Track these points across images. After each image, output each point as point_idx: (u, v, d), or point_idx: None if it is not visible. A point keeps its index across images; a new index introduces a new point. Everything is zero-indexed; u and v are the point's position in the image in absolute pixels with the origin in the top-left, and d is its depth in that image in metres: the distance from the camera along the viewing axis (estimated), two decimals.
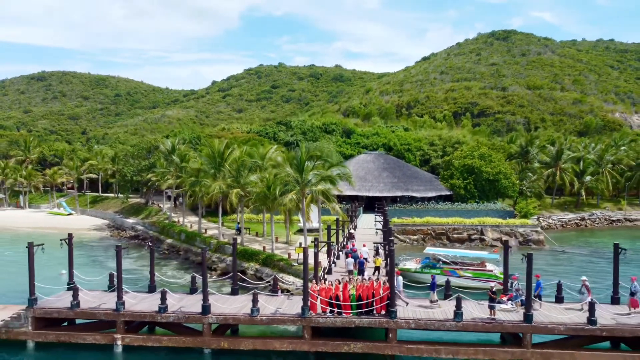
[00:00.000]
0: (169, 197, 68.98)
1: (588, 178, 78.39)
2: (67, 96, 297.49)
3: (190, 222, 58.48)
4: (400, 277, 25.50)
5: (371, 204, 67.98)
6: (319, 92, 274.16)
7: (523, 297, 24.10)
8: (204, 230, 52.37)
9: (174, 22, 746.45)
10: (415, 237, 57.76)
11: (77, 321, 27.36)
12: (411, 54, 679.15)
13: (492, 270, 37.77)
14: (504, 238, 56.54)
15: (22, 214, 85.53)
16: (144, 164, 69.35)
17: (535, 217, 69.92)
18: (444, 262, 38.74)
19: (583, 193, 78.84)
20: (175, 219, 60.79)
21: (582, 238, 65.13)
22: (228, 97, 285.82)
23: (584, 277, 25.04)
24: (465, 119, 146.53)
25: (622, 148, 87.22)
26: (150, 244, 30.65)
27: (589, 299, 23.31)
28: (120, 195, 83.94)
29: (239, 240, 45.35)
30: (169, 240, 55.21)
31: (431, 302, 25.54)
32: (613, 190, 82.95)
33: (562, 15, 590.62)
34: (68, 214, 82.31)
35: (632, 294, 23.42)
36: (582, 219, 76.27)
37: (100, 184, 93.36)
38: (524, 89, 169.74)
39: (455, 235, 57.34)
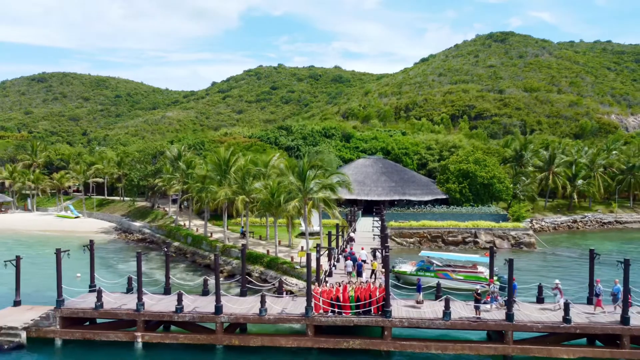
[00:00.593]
0: (174, 201, 71.38)
1: (580, 182, 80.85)
2: (67, 97, 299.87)
3: (196, 225, 60.94)
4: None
5: (370, 208, 70.41)
6: (318, 93, 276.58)
7: (498, 299, 26.75)
8: (209, 234, 54.82)
9: (173, 22, 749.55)
10: (411, 240, 60.22)
11: (98, 320, 29.81)
12: (410, 54, 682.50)
13: (482, 273, 40.16)
14: (497, 241, 59.17)
15: (30, 216, 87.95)
16: (150, 169, 71.75)
17: (529, 219, 72.49)
18: (438, 265, 41.18)
19: (575, 196, 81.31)
20: (181, 223, 63.23)
21: (572, 240, 67.56)
22: (228, 98, 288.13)
23: (557, 280, 27.58)
24: (463, 122, 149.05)
25: (614, 152, 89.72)
26: (165, 249, 33.11)
27: (562, 300, 25.84)
28: (126, 198, 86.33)
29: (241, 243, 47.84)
30: (176, 243, 57.57)
31: (417, 302, 28.10)
32: (605, 193, 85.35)
33: (561, 15, 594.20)
34: (75, 217, 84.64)
35: (597, 294, 25.98)
36: (574, 221, 78.75)
37: (105, 187, 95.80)
38: (521, 91, 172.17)
39: (450, 238, 59.82)
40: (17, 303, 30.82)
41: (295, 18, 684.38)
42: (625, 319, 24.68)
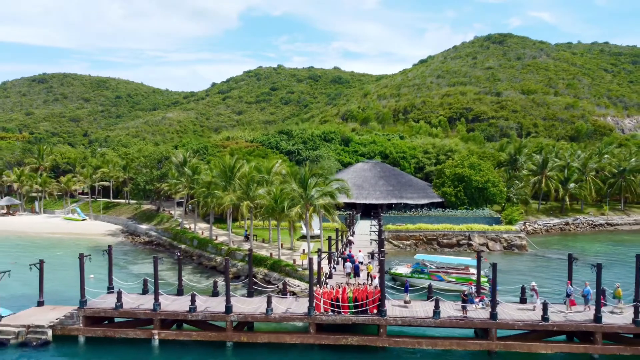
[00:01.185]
0: (179, 204, 73.80)
1: (572, 185, 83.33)
2: (68, 98, 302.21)
3: (201, 228, 63.45)
4: (376, 280, 30.78)
5: (368, 211, 72.88)
6: (317, 94, 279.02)
7: (484, 299, 29.40)
8: (214, 237, 57.33)
9: (173, 22, 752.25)
10: (408, 242, 62.73)
11: (116, 319, 32.31)
12: (410, 54, 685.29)
13: (474, 275, 42.55)
14: (490, 243, 61.76)
15: (38, 219, 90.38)
16: (156, 173, 74.20)
17: (522, 222, 75.00)
18: (432, 267, 43.72)
19: (567, 199, 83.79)
20: (187, 226, 65.73)
21: (563, 242, 70.01)
22: (228, 99, 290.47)
23: (533, 283, 30.23)
24: (460, 125, 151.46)
25: (605, 156, 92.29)
26: (178, 253, 35.60)
27: (538, 301, 28.46)
28: (131, 201, 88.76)
29: (247, 247, 50.42)
30: (182, 246, 60.01)
31: (405, 302, 30.68)
32: (596, 196, 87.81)
33: (560, 15, 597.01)
34: (82, 220, 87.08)
35: (568, 295, 28.62)
36: (566, 223, 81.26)
37: (111, 190, 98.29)
38: (518, 93, 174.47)
39: (445, 241, 62.33)
40: (40, 303, 33.41)
41: (295, 18, 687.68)
42: (597, 318, 27.23)
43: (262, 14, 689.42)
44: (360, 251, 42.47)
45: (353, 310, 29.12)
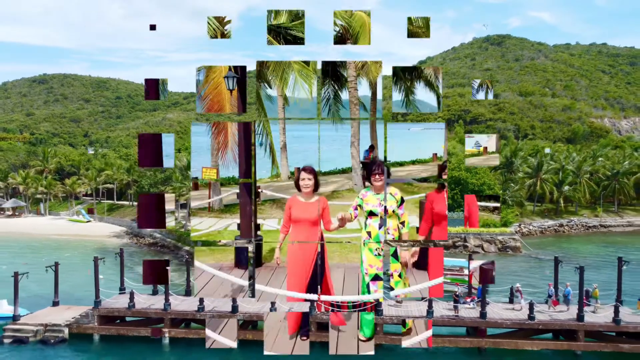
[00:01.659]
0: (182, 206, 75.55)
1: (566, 188, 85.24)
2: (68, 99, 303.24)
3: None
4: None
5: None
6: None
7: (468, 300, 31.46)
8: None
9: (173, 22, 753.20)
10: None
11: (127, 318, 34.15)
12: (409, 54, 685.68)
13: (467, 276, 44.52)
14: (485, 245, 63.69)
15: (44, 221, 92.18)
16: (160, 176, 75.99)
17: (517, 224, 76.92)
18: None
19: (562, 201, 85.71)
20: (190, 227, 67.43)
21: (557, 244, 71.89)
22: None
23: (517, 284, 32.23)
24: (458, 127, 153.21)
25: (600, 159, 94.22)
26: (187, 256, 37.45)
27: (522, 301, 30.43)
28: (135, 203, 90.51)
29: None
30: (186, 248, 61.87)
31: (397, 302, 32.51)
32: (590, 198, 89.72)
33: (560, 15, 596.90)
34: (87, 221, 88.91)
35: (549, 295, 30.59)
36: (561, 225, 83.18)
37: (115, 192, 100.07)
38: (515, 95, 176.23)
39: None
40: (55, 303, 35.24)
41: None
42: (580, 317, 29.13)
43: (262, 14, 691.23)
44: None
45: (352, 310, 30.91)
